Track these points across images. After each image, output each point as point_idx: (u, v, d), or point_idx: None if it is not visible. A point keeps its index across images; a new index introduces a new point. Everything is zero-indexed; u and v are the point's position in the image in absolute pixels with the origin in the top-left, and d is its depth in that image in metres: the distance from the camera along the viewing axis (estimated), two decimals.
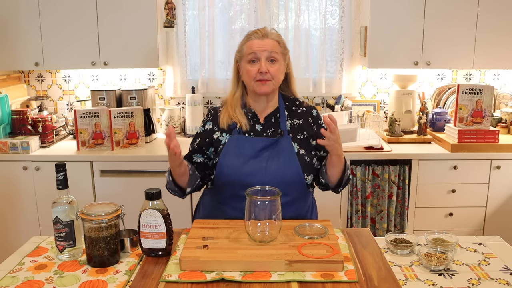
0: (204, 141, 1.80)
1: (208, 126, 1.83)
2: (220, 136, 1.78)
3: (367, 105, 3.46)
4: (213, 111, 1.86)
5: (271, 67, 1.72)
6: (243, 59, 1.75)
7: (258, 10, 3.30)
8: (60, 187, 1.46)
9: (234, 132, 1.76)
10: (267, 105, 1.81)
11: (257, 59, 1.72)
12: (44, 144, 3.04)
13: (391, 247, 1.55)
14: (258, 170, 1.69)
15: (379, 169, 2.92)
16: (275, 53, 1.73)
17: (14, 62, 3.11)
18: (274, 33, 1.78)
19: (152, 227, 1.44)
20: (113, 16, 3.03)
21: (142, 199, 1.45)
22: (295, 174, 1.71)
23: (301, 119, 1.81)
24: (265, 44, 1.72)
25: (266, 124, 1.79)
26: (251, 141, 1.74)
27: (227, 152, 1.73)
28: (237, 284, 1.29)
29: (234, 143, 1.74)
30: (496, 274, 1.40)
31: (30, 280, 1.35)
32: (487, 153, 2.88)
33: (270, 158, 1.71)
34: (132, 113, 3.02)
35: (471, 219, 2.98)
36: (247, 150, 1.72)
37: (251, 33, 1.77)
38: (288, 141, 1.74)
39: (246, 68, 1.74)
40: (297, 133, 1.78)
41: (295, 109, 1.84)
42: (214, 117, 1.83)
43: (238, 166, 1.70)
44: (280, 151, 1.72)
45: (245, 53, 1.74)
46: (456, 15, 3.02)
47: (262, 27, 1.79)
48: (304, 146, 1.76)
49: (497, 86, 3.45)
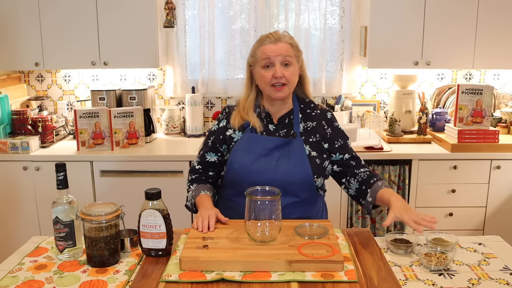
0: (218, 138, 1.82)
1: (222, 123, 1.84)
2: (233, 134, 1.79)
3: (367, 105, 3.46)
4: (228, 109, 1.87)
5: (286, 71, 1.72)
6: (257, 64, 1.75)
7: (258, 10, 3.30)
8: (60, 187, 1.46)
9: (247, 130, 1.77)
10: (281, 107, 1.81)
11: (272, 64, 1.71)
12: (44, 144, 3.04)
13: (391, 247, 1.55)
14: (268, 169, 1.70)
15: (379, 169, 2.92)
16: (289, 57, 1.72)
17: (14, 62, 3.11)
18: (287, 36, 1.76)
19: (152, 227, 1.44)
20: (113, 16, 3.03)
21: (142, 199, 1.45)
22: (304, 176, 1.71)
23: (315, 122, 1.81)
24: (278, 48, 1.71)
25: (279, 125, 1.80)
26: (263, 139, 1.75)
27: (238, 149, 1.74)
28: (237, 284, 1.29)
29: (245, 141, 1.75)
30: (496, 274, 1.40)
31: (30, 280, 1.35)
32: (487, 153, 2.87)
33: (281, 157, 1.72)
34: (132, 113, 3.02)
35: (471, 219, 2.98)
36: (258, 148, 1.73)
37: (264, 37, 1.76)
38: (300, 143, 1.74)
39: (261, 74, 1.74)
40: (309, 136, 1.78)
41: (309, 111, 1.84)
42: (228, 116, 1.84)
43: (248, 163, 1.71)
44: (291, 152, 1.73)
45: (259, 58, 1.73)
46: (456, 15, 3.02)
47: (274, 31, 1.78)
48: (316, 149, 1.76)
49: (497, 86, 3.45)
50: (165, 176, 2.92)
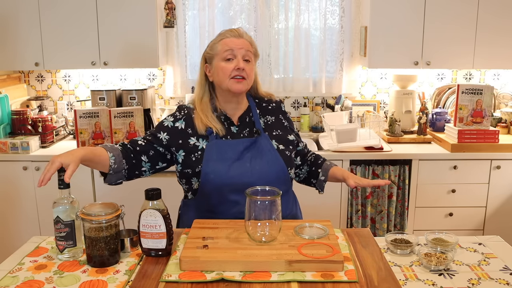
0: (175, 141, 1.72)
1: (179, 124, 1.75)
2: (196, 142, 1.72)
3: (367, 105, 3.46)
4: (186, 111, 1.78)
5: (246, 66, 1.71)
6: (217, 58, 1.72)
7: (258, 10, 3.30)
8: (62, 187, 1.46)
9: (211, 137, 1.71)
10: (238, 106, 1.79)
11: (234, 56, 1.70)
12: (44, 144, 3.04)
13: (391, 247, 1.55)
14: (244, 172, 1.68)
15: (379, 169, 2.92)
16: (249, 53, 1.73)
17: (14, 62, 3.11)
18: (248, 35, 1.78)
19: (152, 227, 1.44)
20: (113, 16, 3.03)
21: (142, 199, 1.45)
22: (280, 171, 1.72)
23: (273, 117, 1.84)
24: (241, 42, 1.72)
25: (241, 125, 1.78)
26: (232, 144, 1.72)
27: (210, 159, 1.68)
28: (237, 284, 1.29)
29: (214, 149, 1.70)
30: (496, 274, 1.40)
31: (30, 280, 1.35)
32: (487, 153, 2.88)
33: (253, 158, 1.70)
34: (132, 113, 3.02)
35: (471, 219, 2.98)
36: (229, 153, 1.69)
37: (225, 32, 1.75)
38: (266, 139, 1.75)
39: (220, 66, 1.70)
40: (272, 130, 1.79)
41: (265, 105, 1.85)
42: (187, 119, 1.75)
43: (224, 171, 1.67)
44: (261, 150, 1.72)
45: (220, 50, 1.71)
46: (456, 15, 3.02)
47: (236, 28, 1.78)
48: (281, 141, 1.78)
49: (497, 86, 3.45)
50: (165, 176, 2.91)
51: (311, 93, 3.46)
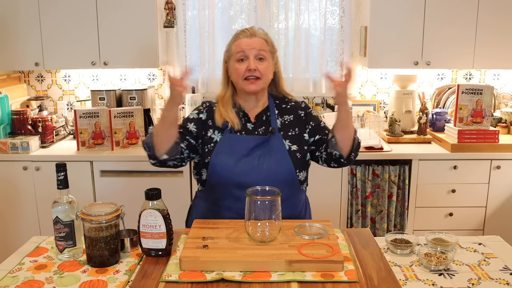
0: (201, 131, 1.78)
1: (202, 116, 1.81)
2: (212, 134, 1.77)
3: (367, 105, 3.46)
4: (208, 104, 1.85)
5: (260, 65, 1.72)
6: (232, 58, 1.76)
7: (258, 10, 3.30)
8: (61, 187, 1.46)
9: (226, 131, 1.76)
10: (257, 104, 1.81)
11: (246, 57, 1.72)
12: (44, 144, 3.04)
13: (391, 247, 1.55)
14: (251, 169, 1.69)
15: (379, 169, 2.92)
16: (263, 51, 1.74)
17: (14, 62, 3.11)
18: (261, 32, 1.79)
19: (152, 227, 1.44)
20: (113, 16, 3.03)
21: (142, 199, 1.45)
22: (287, 172, 1.72)
23: (292, 115, 1.82)
24: (253, 42, 1.73)
25: (257, 123, 1.80)
26: (243, 139, 1.74)
27: (220, 151, 1.72)
28: (237, 284, 1.29)
29: (226, 142, 1.74)
30: (496, 274, 1.41)
31: (30, 280, 1.35)
32: (487, 153, 2.88)
33: (262, 156, 1.71)
34: (132, 113, 3.02)
35: (471, 219, 2.98)
36: (239, 148, 1.72)
37: (239, 32, 1.78)
38: (279, 139, 1.75)
39: (234, 67, 1.74)
40: (288, 130, 1.79)
41: (284, 106, 1.85)
42: (209, 111, 1.82)
43: (231, 165, 1.70)
44: (272, 149, 1.73)
45: (234, 51, 1.75)
46: (456, 15, 3.02)
47: (250, 27, 1.80)
48: (296, 142, 1.77)
49: (497, 86, 3.45)
50: (165, 176, 2.92)
51: (311, 93, 3.46)
